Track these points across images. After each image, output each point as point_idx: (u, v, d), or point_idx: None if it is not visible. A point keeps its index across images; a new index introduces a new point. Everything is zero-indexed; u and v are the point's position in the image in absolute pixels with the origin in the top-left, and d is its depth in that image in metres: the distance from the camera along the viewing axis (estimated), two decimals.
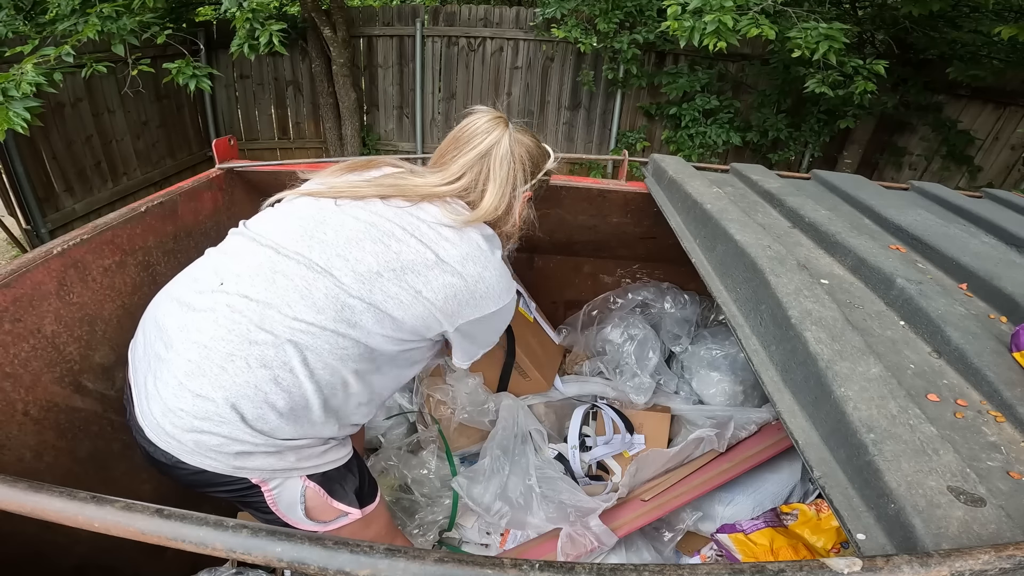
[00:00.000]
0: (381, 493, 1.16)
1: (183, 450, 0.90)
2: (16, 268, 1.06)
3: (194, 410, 0.86)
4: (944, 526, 0.51)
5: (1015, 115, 3.89)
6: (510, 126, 1.10)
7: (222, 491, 0.94)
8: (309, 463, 0.97)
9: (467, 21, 5.25)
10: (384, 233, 0.96)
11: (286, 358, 0.87)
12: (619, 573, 0.45)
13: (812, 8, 3.79)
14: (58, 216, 3.87)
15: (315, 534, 0.48)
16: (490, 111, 1.11)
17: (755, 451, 1.56)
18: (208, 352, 0.87)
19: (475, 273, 0.97)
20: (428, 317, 0.95)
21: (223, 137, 1.73)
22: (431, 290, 0.94)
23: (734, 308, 0.98)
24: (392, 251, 0.94)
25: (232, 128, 5.56)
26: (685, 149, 4.81)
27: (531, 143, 1.13)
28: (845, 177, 1.66)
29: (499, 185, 1.06)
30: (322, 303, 0.89)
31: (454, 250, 0.97)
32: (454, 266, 0.96)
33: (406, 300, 0.93)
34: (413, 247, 0.95)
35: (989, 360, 0.74)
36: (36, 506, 0.51)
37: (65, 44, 3.08)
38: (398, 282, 0.93)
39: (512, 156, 1.07)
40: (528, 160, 1.11)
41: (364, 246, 0.94)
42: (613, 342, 1.99)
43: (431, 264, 0.95)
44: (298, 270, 0.91)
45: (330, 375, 0.91)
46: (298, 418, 0.90)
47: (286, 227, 0.98)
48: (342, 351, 0.90)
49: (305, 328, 0.88)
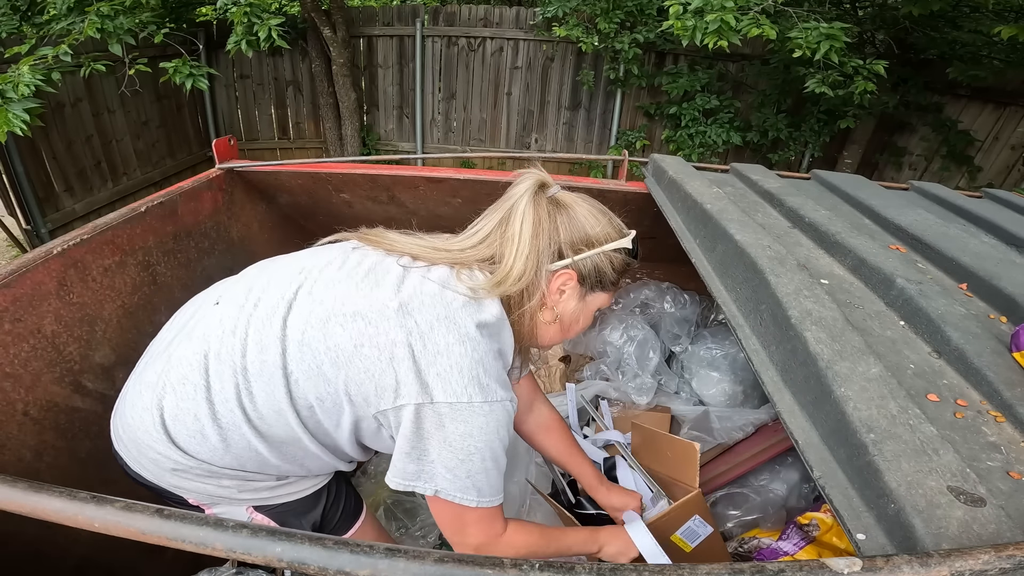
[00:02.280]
0: (364, 519, 1.11)
1: (128, 455, 0.91)
2: (16, 268, 1.06)
3: (139, 421, 0.87)
4: (944, 526, 0.51)
5: (1015, 115, 3.89)
6: (550, 188, 0.90)
7: (173, 504, 0.94)
8: (256, 495, 0.94)
9: (467, 21, 5.25)
10: (365, 280, 0.85)
11: (227, 394, 0.83)
12: (619, 573, 0.45)
13: (812, 8, 3.79)
14: (58, 216, 3.87)
15: (315, 534, 0.48)
16: (535, 172, 0.91)
17: (755, 451, 1.56)
18: (170, 368, 0.87)
19: (441, 343, 0.78)
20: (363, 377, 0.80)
21: (223, 137, 1.73)
22: (375, 343, 0.79)
23: (734, 308, 0.98)
24: (359, 294, 0.82)
25: (232, 128, 5.56)
26: (685, 149, 4.81)
27: (583, 212, 0.89)
28: (845, 177, 1.66)
29: (517, 250, 0.85)
30: (268, 341, 0.82)
31: (430, 309, 0.80)
32: (418, 323, 0.79)
33: (345, 351, 0.79)
34: (380, 295, 0.82)
35: (989, 360, 0.74)
36: (36, 506, 0.51)
37: (62, 44, 3.08)
38: (343, 328, 0.80)
39: (536, 218, 0.86)
40: (567, 229, 0.87)
41: (337, 288, 0.84)
42: (613, 343, 1.98)
43: (390, 314, 0.79)
44: (267, 301, 0.86)
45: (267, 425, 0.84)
46: (240, 456, 0.86)
47: (300, 258, 0.94)
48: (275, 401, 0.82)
49: (245, 366, 0.83)
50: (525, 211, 0.85)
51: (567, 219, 0.88)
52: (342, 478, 1.09)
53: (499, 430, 0.82)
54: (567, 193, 0.91)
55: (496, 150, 5.66)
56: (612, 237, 0.90)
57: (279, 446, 0.87)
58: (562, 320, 0.93)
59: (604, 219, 0.90)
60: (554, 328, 0.94)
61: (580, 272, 0.89)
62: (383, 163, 2.23)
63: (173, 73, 3.59)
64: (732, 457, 1.58)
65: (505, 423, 0.83)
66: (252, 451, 0.86)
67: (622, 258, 0.92)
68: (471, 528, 0.87)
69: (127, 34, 3.39)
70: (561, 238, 0.87)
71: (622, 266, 0.93)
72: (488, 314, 0.84)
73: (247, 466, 0.89)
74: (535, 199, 0.86)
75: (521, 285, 0.85)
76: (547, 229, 0.86)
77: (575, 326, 0.96)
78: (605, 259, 0.90)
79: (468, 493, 0.81)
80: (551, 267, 0.87)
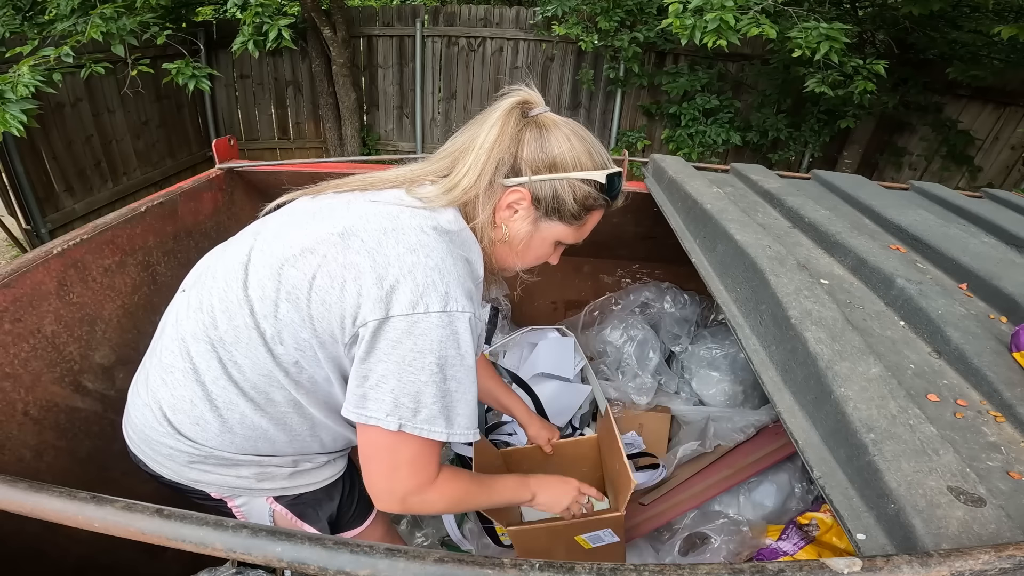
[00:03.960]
0: (377, 514, 1.12)
1: (144, 456, 0.92)
2: (16, 268, 1.06)
3: (144, 419, 0.88)
4: (944, 526, 0.51)
5: (1015, 115, 3.89)
6: (534, 108, 0.85)
7: (197, 500, 0.95)
8: (273, 484, 0.94)
9: (467, 21, 5.25)
10: (316, 222, 0.81)
11: (214, 372, 0.81)
12: (619, 573, 0.45)
13: (812, 8, 3.79)
14: (58, 216, 3.87)
15: (315, 534, 0.48)
16: (521, 91, 0.86)
17: (756, 457, 1.55)
18: (158, 362, 0.87)
19: (391, 254, 0.74)
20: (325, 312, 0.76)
21: (223, 137, 1.73)
22: (326, 272, 0.75)
23: (734, 308, 0.98)
24: (306, 233, 0.79)
25: (232, 128, 5.56)
26: (685, 148, 4.81)
27: (559, 135, 0.83)
28: (845, 177, 1.66)
29: (472, 158, 0.81)
30: (234, 306, 0.80)
31: (374, 223, 0.77)
32: (365, 241, 0.75)
33: (300, 287, 0.76)
34: (323, 226, 0.79)
35: (989, 360, 0.74)
36: (36, 506, 0.51)
37: (64, 45, 3.08)
38: (296, 268, 0.77)
39: (502, 130, 0.81)
40: (533, 147, 0.83)
41: (289, 234, 0.81)
42: (613, 343, 1.98)
43: (335, 241, 0.76)
44: (224, 270, 0.83)
45: (257, 393, 0.82)
46: (248, 437, 0.86)
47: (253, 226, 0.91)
48: (259, 366, 0.80)
49: (220, 336, 0.81)
50: (493, 123, 0.81)
51: (537, 138, 0.83)
52: (356, 474, 1.08)
53: (460, 344, 0.74)
54: (553, 116, 0.86)
55: None
56: (582, 166, 0.84)
57: (281, 418, 0.85)
58: (512, 241, 0.88)
59: (581, 147, 0.84)
60: (505, 249, 0.89)
61: (535, 194, 0.84)
62: (383, 163, 2.23)
63: (176, 74, 3.59)
64: (734, 460, 1.57)
65: (468, 337, 0.75)
66: (256, 429, 0.85)
67: (588, 191, 0.85)
68: (402, 471, 0.78)
69: (129, 35, 3.39)
70: (524, 155, 0.82)
71: (586, 199, 0.86)
72: (443, 220, 0.80)
73: (260, 448, 0.88)
74: (508, 113, 0.82)
75: (471, 194, 0.81)
76: (509, 143, 0.81)
77: (527, 252, 0.91)
78: (567, 186, 0.84)
79: (417, 418, 0.73)
80: (504, 181, 0.82)
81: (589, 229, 0.92)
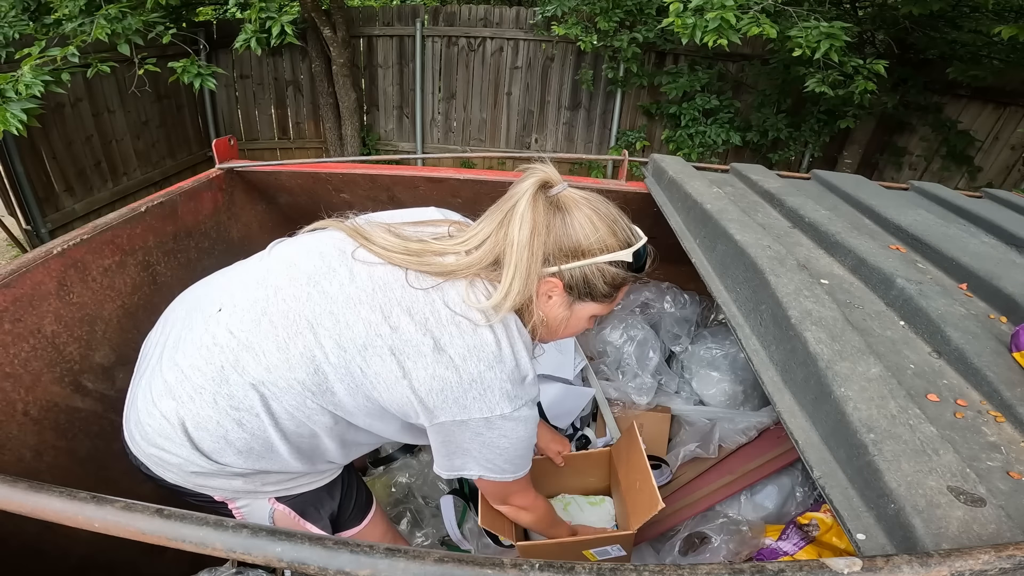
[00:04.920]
0: (376, 511, 1.14)
1: (149, 461, 0.92)
2: (16, 268, 1.06)
3: (159, 428, 0.88)
4: (944, 526, 0.51)
5: (1015, 115, 3.89)
6: (554, 187, 0.85)
7: (194, 501, 0.95)
8: (277, 487, 0.96)
9: (467, 21, 5.25)
10: (387, 304, 0.83)
11: (251, 403, 0.83)
12: (619, 573, 0.45)
13: (812, 7, 3.79)
14: (58, 216, 3.87)
15: (315, 534, 0.48)
16: (539, 170, 0.85)
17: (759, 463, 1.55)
18: (183, 378, 0.87)
19: (474, 372, 0.81)
20: (406, 404, 0.84)
21: (223, 137, 1.73)
22: (418, 378, 0.81)
23: (734, 308, 0.98)
24: (388, 325, 0.82)
25: (232, 128, 5.56)
26: (685, 148, 4.81)
27: (581, 217, 0.84)
28: (845, 177, 1.66)
29: (515, 261, 0.82)
30: (296, 360, 0.82)
31: (459, 341, 0.81)
32: (452, 358, 0.81)
33: (387, 381, 0.82)
34: (411, 330, 0.82)
35: (989, 360, 0.74)
36: (36, 506, 0.51)
37: (70, 45, 3.08)
38: (383, 361, 0.81)
39: (533, 223, 0.82)
40: (559, 235, 0.84)
41: (360, 312, 0.83)
42: (613, 343, 1.98)
43: (426, 352, 0.81)
44: (283, 319, 0.84)
45: (296, 426, 0.86)
46: (261, 457, 0.88)
47: (298, 264, 0.90)
48: (308, 410, 0.85)
49: (273, 381, 0.83)
50: (524, 214, 0.82)
51: (561, 224, 0.84)
52: (352, 472, 1.12)
53: (528, 425, 0.89)
54: (573, 193, 0.86)
55: (496, 150, 5.66)
56: (608, 248, 0.85)
57: (297, 444, 0.89)
58: (549, 324, 0.92)
59: (604, 227, 0.85)
60: (543, 330, 0.92)
61: (567, 281, 0.86)
62: (383, 163, 2.23)
63: (181, 73, 3.59)
64: (736, 464, 1.57)
65: (533, 418, 0.91)
66: (273, 451, 0.88)
67: (617, 271, 0.87)
68: (514, 496, 1.08)
69: (135, 35, 3.39)
70: (552, 244, 0.84)
71: (615, 279, 0.88)
72: (506, 331, 0.85)
73: (271, 467, 0.91)
74: (534, 200, 0.83)
75: (525, 296, 0.84)
76: (542, 234, 0.83)
77: (562, 329, 0.95)
78: (596, 271, 0.85)
79: (506, 474, 0.93)
80: (534, 273, 0.84)
81: (620, 300, 0.99)
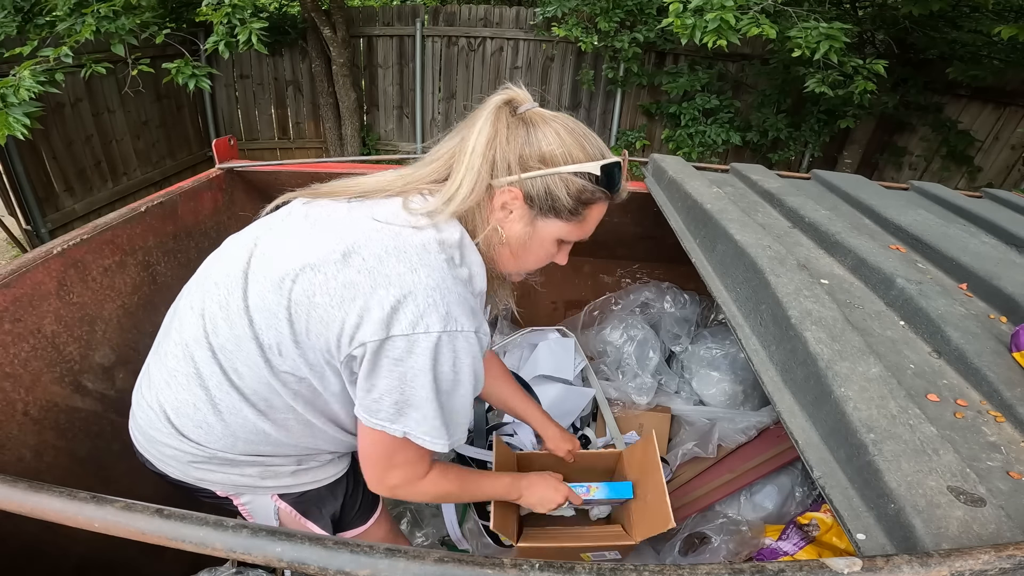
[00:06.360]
0: (380, 513, 1.14)
1: (150, 456, 0.93)
2: (16, 268, 1.06)
3: (147, 419, 0.89)
4: (944, 526, 0.51)
5: (1015, 115, 3.89)
6: (522, 104, 0.83)
7: (204, 498, 0.96)
8: (277, 482, 0.95)
9: (467, 21, 5.25)
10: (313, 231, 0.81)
11: (216, 377, 0.82)
12: (619, 573, 0.45)
13: (812, 8, 3.79)
14: (58, 216, 3.87)
15: (315, 534, 0.48)
16: (508, 89, 0.84)
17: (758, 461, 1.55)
18: (161, 365, 0.88)
19: (391, 273, 0.74)
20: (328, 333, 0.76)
21: (223, 137, 1.73)
22: (327, 290, 0.75)
23: (734, 308, 0.98)
24: (307, 249, 0.78)
25: (232, 128, 5.55)
26: (685, 148, 4.81)
27: (549, 130, 0.81)
28: (845, 177, 1.66)
29: (466, 166, 0.79)
30: (234, 315, 0.80)
31: (377, 244, 0.76)
32: (366, 259, 0.75)
33: (304, 306, 0.76)
34: (327, 246, 0.77)
35: (989, 360, 0.74)
36: (36, 506, 0.51)
37: (64, 45, 3.08)
38: (295, 283, 0.77)
39: (492, 132, 0.79)
40: (522, 144, 0.80)
41: (285, 244, 0.81)
42: (613, 343, 1.98)
43: (336, 259, 0.75)
44: (225, 277, 0.83)
45: (266, 395, 0.83)
46: (248, 441, 0.87)
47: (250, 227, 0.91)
48: (263, 372, 0.81)
49: (221, 344, 0.81)
50: (483, 125, 0.79)
51: (526, 134, 0.80)
52: (359, 473, 1.09)
53: (458, 362, 0.76)
54: (543, 111, 0.83)
55: None
56: (575, 159, 0.80)
57: (283, 423, 0.86)
58: (510, 243, 0.85)
59: (572, 139, 0.81)
60: (505, 251, 0.87)
61: (527, 192, 0.81)
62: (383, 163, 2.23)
63: (176, 73, 3.58)
64: (736, 463, 1.57)
65: (469, 355, 0.77)
66: (259, 432, 0.86)
67: (583, 184, 0.81)
68: (397, 469, 0.85)
69: (129, 35, 3.38)
70: (513, 153, 0.79)
71: (582, 193, 0.82)
72: (446, 235, 0.79)
73: (262, 450, 0.89)
74: (497, 113, 0.80)
75: (471, 202, 0.79)
76: (501, 143, 0.79)
77: (527, 254, 0.88)
78: (559, 181, 0.80)
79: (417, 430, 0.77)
80: (494, 182, 0.80)
81: (592, 225, 0.89)
